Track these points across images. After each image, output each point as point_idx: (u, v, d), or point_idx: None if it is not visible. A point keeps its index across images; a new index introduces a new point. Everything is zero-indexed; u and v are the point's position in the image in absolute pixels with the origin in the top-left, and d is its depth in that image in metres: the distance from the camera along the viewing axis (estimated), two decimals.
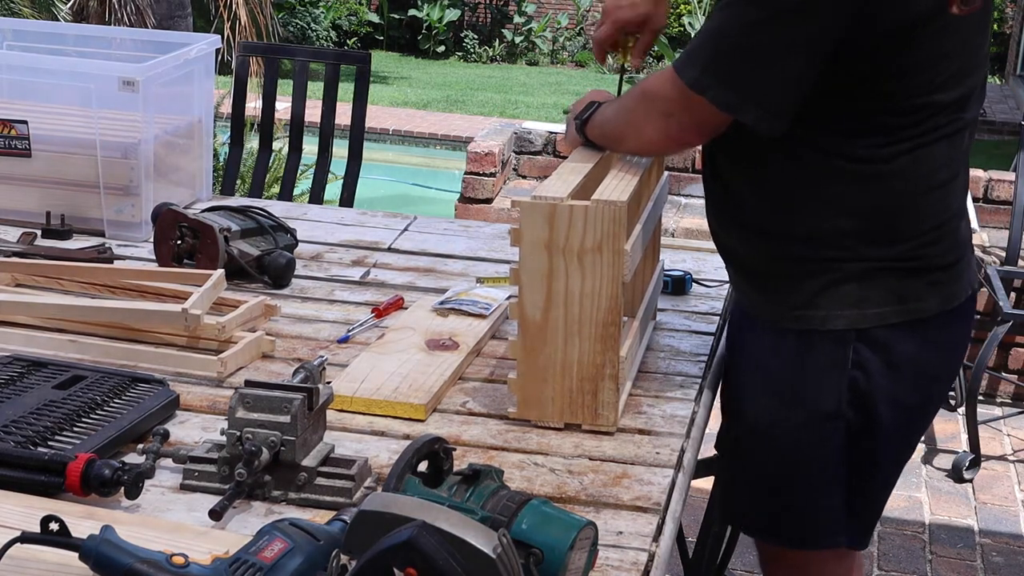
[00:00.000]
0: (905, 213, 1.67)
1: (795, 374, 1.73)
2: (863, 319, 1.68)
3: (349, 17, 14.38)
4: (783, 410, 1.75)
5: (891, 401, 1.72)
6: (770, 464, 1.80)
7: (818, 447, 1.75)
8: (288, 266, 2.20)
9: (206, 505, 1.37)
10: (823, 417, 1.72)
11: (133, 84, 2.34)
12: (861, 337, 1.68)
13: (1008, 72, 12.73)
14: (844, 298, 1.68)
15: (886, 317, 1.68)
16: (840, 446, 1.74)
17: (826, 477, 1.77)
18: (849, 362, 1.69)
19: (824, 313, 1.68)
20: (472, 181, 5.00)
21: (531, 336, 1.64)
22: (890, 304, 1.68)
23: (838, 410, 1.71)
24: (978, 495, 3.72)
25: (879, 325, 1.68)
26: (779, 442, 1.77)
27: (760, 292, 1.77)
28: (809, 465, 1.77)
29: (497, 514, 1.24)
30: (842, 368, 1.69)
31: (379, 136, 9.89)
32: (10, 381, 1.63)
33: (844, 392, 1.70)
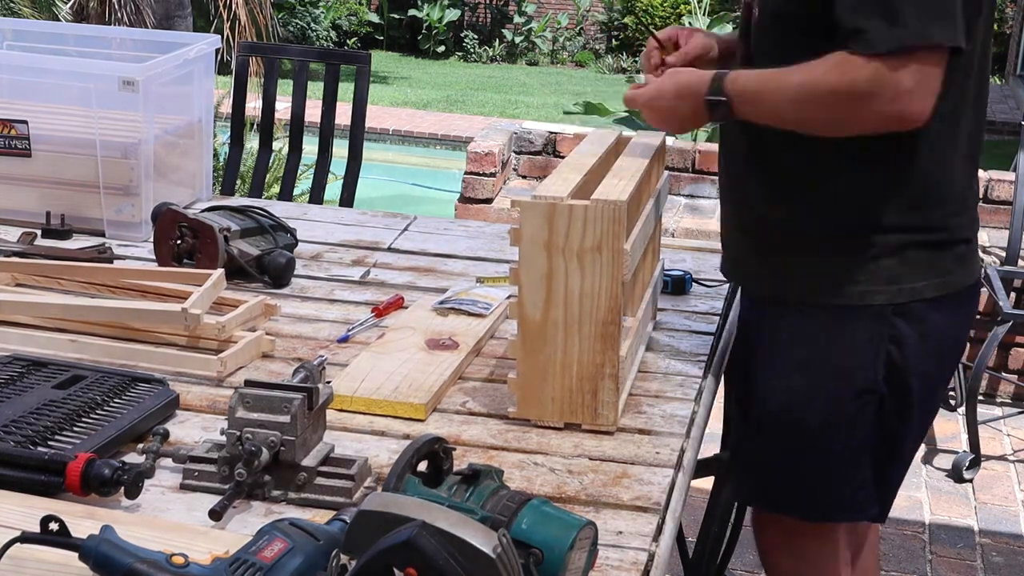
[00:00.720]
0: (938, 180, 1.69)
1: (830, 351, 1.74)
2: (900, 294, 1.70)
3: (349, 17, 14.37)
4: (817, 388, 1.75)
5: (922, 374, 1.75)
6: (801, 442, 1.79)
7: (852, 421, 1.76)
8: (288, 266, 2.20)
9: (206, 505, 1.37)
10: (858, 392, 1.74)
11: (133, 84, 2.34)
12: (898, 312, 1.70)
13: (1008, 72, 12.73)
14: (882, 273, 1.70)
15: (922, 292, 1.71)
16: (872, 420, 1.75)
17: (859, 451, 1.78)
18: (887, 337, 1.71)
19: (863, 289, 1.70)
20: (472, 181, 5.00)
21: (531, 336, 1.64)
22: (926, 278, 1.71)
23: (874, 385, 1.73)
24: (978, 495, 3.72)
25: (916, 300, 1.70)
26: (812, 419, 1.77)
27: (791, 270, 1.76)
28: (843, 440, 1.77)
29: (497, 514, 1.24)
30: (879, 343, 1.71)
31: (379, 136, 9.88)
32: (10, 381, 1.63)
33: (881, 368, 1.72)
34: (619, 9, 14.58)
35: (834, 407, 1.76)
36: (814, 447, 1.80)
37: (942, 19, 1.53)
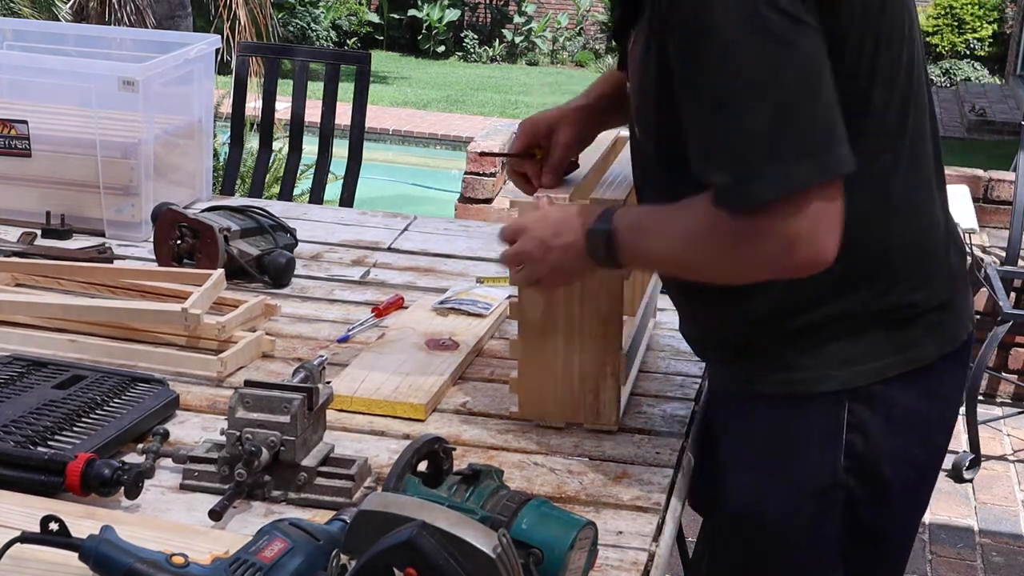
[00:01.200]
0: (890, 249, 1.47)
1: (781, 445, 1.52)
2: (856, 376, 1.47)
3: (349, 17, 14.37)
4: (769, 487, 1.54)
5: (897, 460, 1.52)
6: (757, 551, 1.58)
7: (814, 525, 1.53)
8: (288, 266, 2.20)
9: (206, 505, 1.37)
10: (818, 491, 1.51)
11: (133, 84, 2.34)
12: (855, 396, 1.48)
13: (1008, 72, 12.73)
14: (832, 356, 1.47)
15: (882, 371, 1.48)
16: (840, 518, 1.52)
17: (826, 554, 1.55)
18: (844, 426, 1.48)
19: (812, 375, 1.48)
20: (472, 181, 5.00)
21: (532, 336, 1.64)
22: (885, 356, 1.48)
23: (835, 481, 1.50)
24: (978, 495, 3.72)
25: (875, 381, 1.48)
26: (768, 524, 1.54)
27: (735, 360, 1.56)
28: (805, 543, 1.55)
29: (497, 514, 1.24)
30: (836, 433, 1.48)
31: (379, 136, 9.89)
32: (10, 381, 1.63)
33: (840, 459, 1.49)
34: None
35: (793, 507, 1.53)
36: (776, 551, 1.56)
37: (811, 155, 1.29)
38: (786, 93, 1.29)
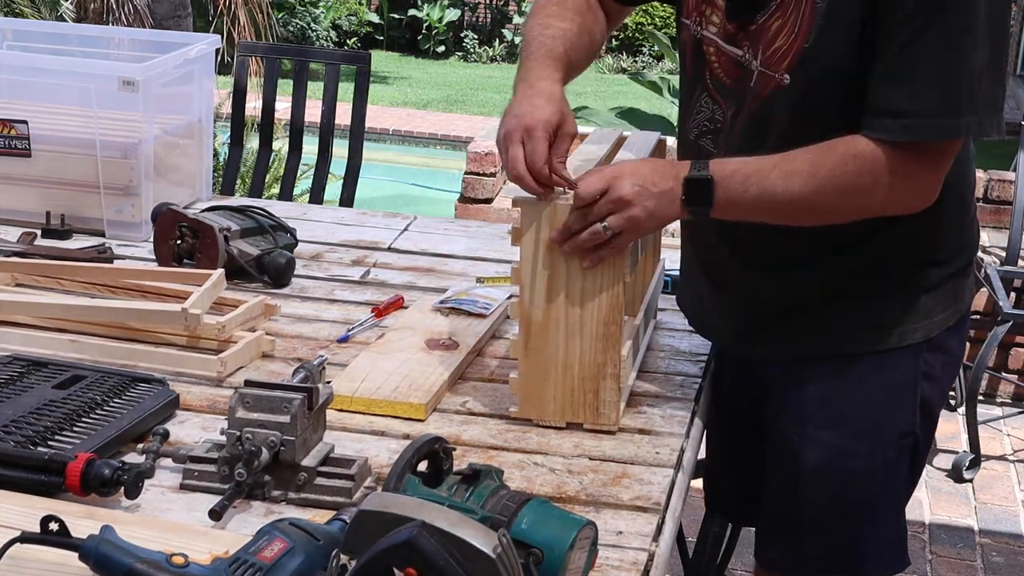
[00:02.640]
0: (967, 215, 1.65)
1: (867, 399, 1.64)
2: (933, 327, 1.63)
3: (349, 17, 14.37)
4: (855, 440, 1.65)
5: (942, 400, 1.70)
6: (842, 500, 1.67)
7: (890, 469, 1.66)
8: (288, 266, 2.20)
9: (206, 505, 1.37)
10: (896, 437, 1.65)
11: (133, 84, 2.34)
12: (930, 346, 1.63)
13: (1008, 72, 12.74)
14: (918, 311, 1.62)
15: (948, 320, 1.65)
16: (907, 463, 1.68)
17: (897, 497, 1.70)
18: (921, 375, 1.63)
19: (902, 328, 1.62)
20: (472, 181, 5.00)
21: (532, 335, 1.64)
22: (950, 306, 1.65)
23: (912, 427, 1.65)
24: (978, 495, 3.72)
25: (943, 330, 1.64)
26: (855, 476, 1.66)
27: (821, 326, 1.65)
28: (883, 490, 1.67)
29: (497, 514, 1.24)
30: (915, 382, 1.64)
31: (379, 136, 9.89)
32: (10, 381, 1.63)
33: (916, 407, 1.64)
34: None
35: (876, 457, 1.65)
36: (860, 502, 1.68)
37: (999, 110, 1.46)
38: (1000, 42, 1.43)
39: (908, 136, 1.45)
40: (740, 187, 1.52)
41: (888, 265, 1.61)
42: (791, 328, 1.69)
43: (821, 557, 1.72)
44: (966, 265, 1.68)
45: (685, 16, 1.69)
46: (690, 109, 1.71)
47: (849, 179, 1.49)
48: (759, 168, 1.53)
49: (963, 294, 1.68)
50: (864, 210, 1.54)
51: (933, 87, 1.43)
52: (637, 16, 14.19)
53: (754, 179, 1.52)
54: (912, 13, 1.42)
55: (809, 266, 1.63)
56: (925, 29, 1.41)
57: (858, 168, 1.48)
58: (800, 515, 1.72)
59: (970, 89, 1.42)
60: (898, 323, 1.61)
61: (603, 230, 1.54)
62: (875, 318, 1.62)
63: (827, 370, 1.65)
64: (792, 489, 1.71)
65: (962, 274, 1.67)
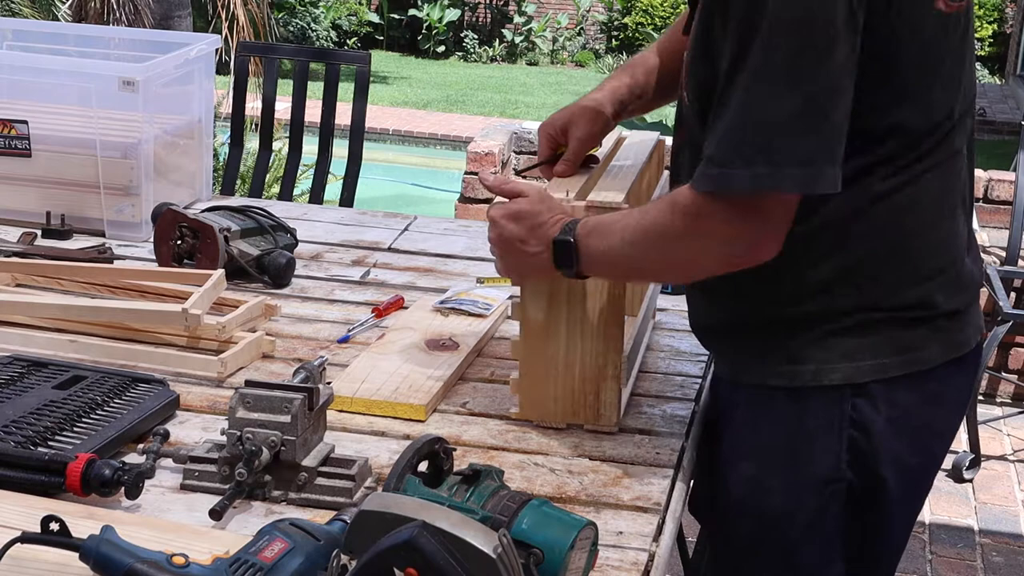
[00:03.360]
0: (909, 254, 1.49)
1: (786, 435, 1.55)
2: (859, 372, 1.50)
3: (349, 17, 14.38)
4: (772, 476, 1.56)
5: (895, 462, 1.54)
6: (760, 537, 1.60)
7: (816, 518, 1.55)
8: (288, 266, 2.20)
9: (206, 505, 1.37)
10: (820, 481, 1.53)
11: (133, 84, 2.34)
12: (858, 392, 1.50)
13: (1008, 72, 12.74)
14: (836, 350, 1.50)
15: (884, 370, 1.50)
16: (839, 514, 1.55)
17: (827, 547, 1.57)
18: (847, 420, 1.51)
19: (815, 367, 1.51)
20: (472, 181, 5.00)
21: (533, 336, 1.64)
22: (888, 355, 1.50)
23: (837, 473, 1.52)
24: (978, 495, 3.72)
25: (878, 379, 1.50)
26: (770, 514, 1.57)
27: (742, 352, 1.59)
28: (807, 535, 1.56)
29: (497, 514, 1.24)
30: (839, 427, 1.51)
31: (379, 136, 9.89)
32: (10, 381, 1.63)
33: (842, 454, 1.52)
34: (619, 9, 14.59)
35: (795, 497, 1.55)
36: (777, 542, 1.58)
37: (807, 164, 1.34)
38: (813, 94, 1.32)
39: (700, 185, 1.39)
40: (595, 244, 1.50)
41: (806, 299, 1.51)
42: (727, 349, 1.65)
43: None
44: (922, 319, 1.51)
45: None
46: None
47: (666, 228, 1.44)
48: (610, 223, 1.50)
49: (918, 347, 1.51)
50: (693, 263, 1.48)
51: (728, 135, 1.36)
52: (637, 16, 14.20)
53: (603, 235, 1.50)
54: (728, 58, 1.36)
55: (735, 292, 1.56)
56: (732, 75, 1.35)
57: (672, 216, 1.43)
58: (725, 546, 1.68)
59: (764, 140, 1.33)
60: (809, 360, 1.51)
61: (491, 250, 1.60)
62: (788, 353, 1.52)
63: (755, 397, 1.58)
64: (720, 520, 1.67)
65: (913, 324, 1.51)
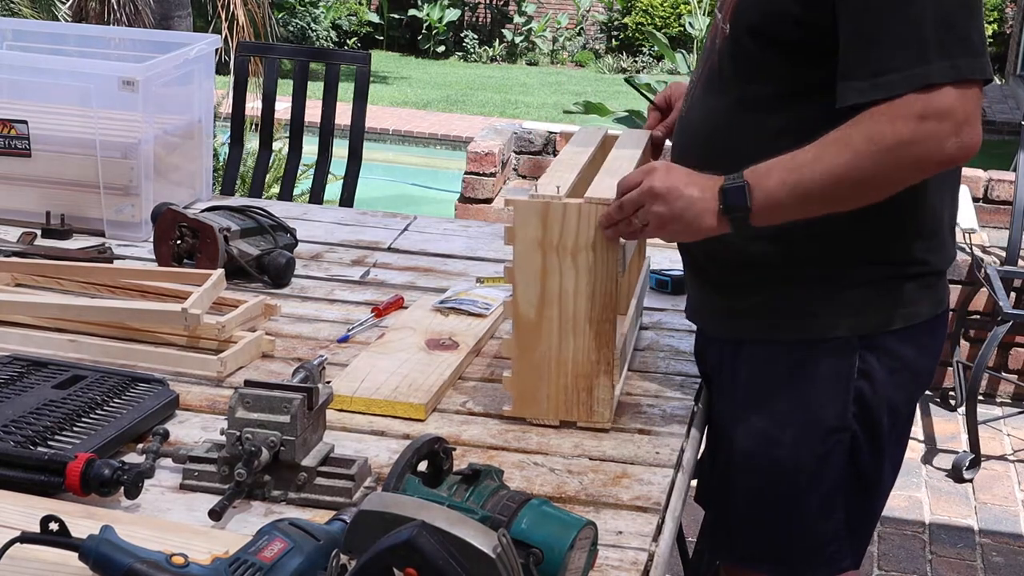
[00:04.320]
0: (919, 212, 1.60)
1: (795, 387, 1.64)
2: (866, 325, 1.62)
3: (349, 17, 14.37)
4: (780, 428, 1.65)
5: (891, 409, 1.66)
6: (767, 489, 1.69)
7: (820, 464, 1.65)
8: (288, 266, 2.20)
9: (206, 505, 1.37)
10: (826, 431, 1.64)
11: (133, 84, 2.34)
12: (867, 345, 1.62)
13: (1008, 72, 12.73)
14: (845, 305, 1.61)
15: (888, 323, 1.63)
16: (842, 461, 1.65)
17: (829, 496, 1.67)
18: (855, 371, 1.62)
19: (824, 321, 1.62)
20: (472, 181, 5.00)
21: (526, 334, 1.64)
22: (890, 308, 1.63)
23: (843, 423, 1.63)
24: (978, 495, 3.72)
25: (882, 331, 1.62)
26: (780, 463, 1.66)
27: (750, 307, 1.67)
28: (811, 485, 1.66)
29: (497, 514, 1.24)
30: (847, 378, 1.62)
31: (379, 136, 9.88)
32: (10, 381, 1.63)
33: (850, 404, 1.63)
34: (619, 9, 14.59)
35: (802, 448, 1.65)
36: (783, 493, 1.68)
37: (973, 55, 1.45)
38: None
39: (881, 94, 1.45)
40: (777, 180, 1.50)
41: (814, 253, 1.60)
42: (730, 308, 1.71)
43: (749, 545, 1.75)
44: (919, 274, 1.64)
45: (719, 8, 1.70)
46: None
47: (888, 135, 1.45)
48: (792, 159, 1.51)
49: (914, 301, 1.64)
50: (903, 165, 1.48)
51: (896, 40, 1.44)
52: (637, 16, 14.20)
53: (788, 171, 1.50)
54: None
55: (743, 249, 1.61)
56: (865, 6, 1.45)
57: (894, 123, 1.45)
58: (730, 500, 1.74)
59: (936, 36, 1.43)
60: (818, 315, 1.61)
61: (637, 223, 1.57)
62: (794, 307, 1.62)
63: (760, 353, 1.67)
64: (725, 473, 1.73)
65: (911, 279, 1.63)
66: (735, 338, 1.71)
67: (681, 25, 13.23)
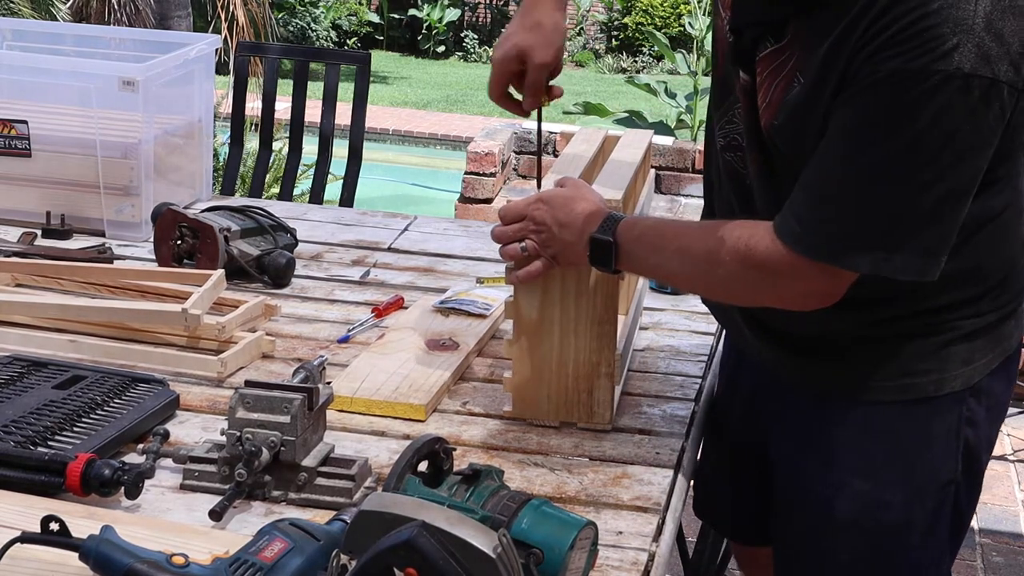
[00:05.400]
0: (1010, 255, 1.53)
1: (903, 448, 1.53)
2: (975, 373, 1.53)
3: (349, 17, 14.37)
4: (891, 492, 1.54)
5: (989, 447, 1.60)
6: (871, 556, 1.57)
7: (932, 523, 1.56)
8: (288, 266, 2.20)
9: (206, 505, 1.37)
10: (937, 489, 1.55)
11: (133, 84, 2.34)
12: (972, 392, 1.53)
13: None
14: (955, 357, 1.51)
15: (990, 364, 1.54)
16: (949, 515, 1.57)
17: (937, 554, 1.59)
18: (964, 421, 1.53)
19: (937, 377, 1.51)
20: (472, 181, 5.01)
21: (527, 335, 1.64)
22: (993, 351, 1.54)
23: (954, 475, 1.55)
24: None
25: (985, 375, 1.54)
26: (888, 528, 1.55)
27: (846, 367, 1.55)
28: (920, 545, 1.57)
29: (497, 514, 1.24)
30: (956, 430, 1.53)
31: (379, 136, 9.88)
32: (10, 381, 1.63)
33: (959, 454, 1.54)
34: (619, 9, 14.59)
35: (913, 509, 1.55)
36: (893, 553, 1.57)
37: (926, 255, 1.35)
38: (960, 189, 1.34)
39: (808, 251, 1.37)
40: (641, 254, 1.51)
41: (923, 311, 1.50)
42: (817, 362, 1.58)
43: None
44: (1013, 309, 1.56)
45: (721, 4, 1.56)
46: (721, 112, 1.59)
47: (735, 273, 1.42)
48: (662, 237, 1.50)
49: (1009, 336, 1.56)
50: (752, 301, 1.50)
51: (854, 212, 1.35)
52: (637, 16, 14.20)
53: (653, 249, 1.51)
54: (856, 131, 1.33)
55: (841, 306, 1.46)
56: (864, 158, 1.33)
57: (745, 266, 1.41)
58: (825, 566, 1.62)
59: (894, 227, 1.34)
60: (933, 372, 1.51)
61: (521, 250, 1.57)
62: (907, 366, 1.52)
63: (857, 414, 1.55)
64: (816, 538, 1.62)
65: (1009, 317, 1.55)
66: (826, 392, 1.58)
67: (681, 25, 13.22)
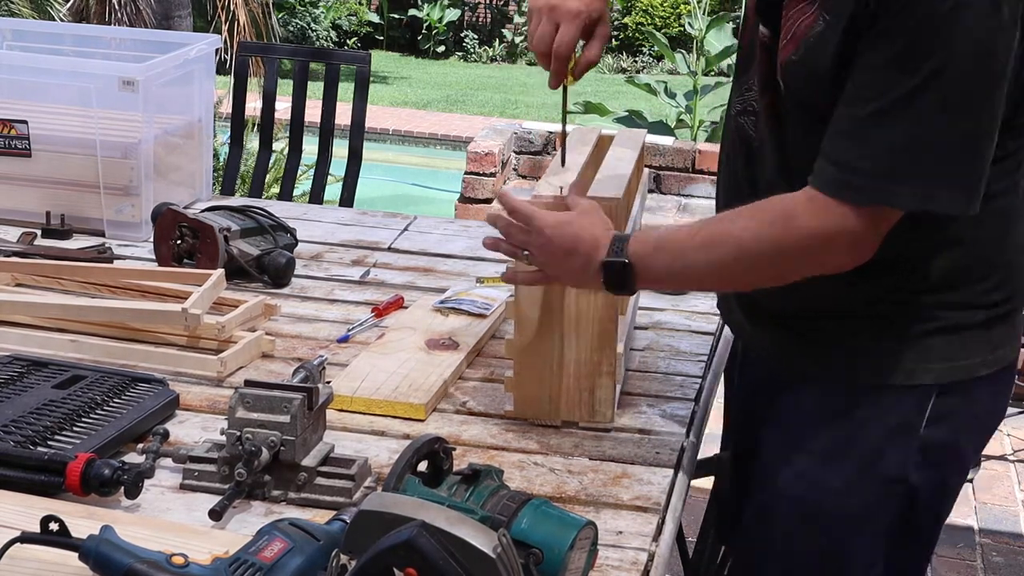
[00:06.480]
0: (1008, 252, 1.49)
1: (856, 434, 1.50)
2: (953, 372, 1.48)
3: (349, 17, 14.37)
4: (834, 475, 1.51)
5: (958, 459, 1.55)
6: (804, 537, 1.55)
7: (870, 516, 1.52)
8: (288, 266, 2.20)
9: (206, 505, 1.37)
10: (883, 482, 1.50)
11: (133, 84, 2.34)
12: (947, 390, 1.47)
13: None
14: (934, 350, 1.47)
15: (977, 369, 1.49)
16: (894, 515, 1.52)
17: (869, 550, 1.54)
18: (925, 419, 1.48)
19: (911, 367, 1.47)
20: (472, 181, 5.01)
21: (527, 335, 1.64)
22: (982, 354, 1.49)
23: (903, 473, 1.49)
24: (978, 495, 3.72)
25: (969, 378, 1.49)
26: (824, 511, 1.53)
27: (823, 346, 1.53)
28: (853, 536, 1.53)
29: (497, 514, 1.24)
30: (915, 426, 1.48)
31: (379, 136, 9.89)
32: (10, 381, 1.63)
33: (913, 453, 1.49)
34: (619, 9, 14.58)
35: (853, 496, 1.51)
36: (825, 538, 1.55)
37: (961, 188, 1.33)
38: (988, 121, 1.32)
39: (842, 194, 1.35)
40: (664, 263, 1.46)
41: (904, 301, 1.47)
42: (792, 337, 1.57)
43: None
44: (1006, 312, 1.51)
45: None
46: (741, 82, 1.57)
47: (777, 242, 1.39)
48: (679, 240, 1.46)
49: (1001, 343, 1.51)
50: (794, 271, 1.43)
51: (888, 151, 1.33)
52: (637, 16, 14.19)
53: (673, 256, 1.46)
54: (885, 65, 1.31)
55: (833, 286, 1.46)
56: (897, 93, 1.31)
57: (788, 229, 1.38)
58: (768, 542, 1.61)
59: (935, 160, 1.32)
60: (906, 361, 1.47)
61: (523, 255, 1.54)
62: (879, 350, 1.49)
63: (816, 395, 1.54)
64: (766, 512, 1.60)
65: (999, 320, 1.50)
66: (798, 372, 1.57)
67: (681, 25, 13.22)
